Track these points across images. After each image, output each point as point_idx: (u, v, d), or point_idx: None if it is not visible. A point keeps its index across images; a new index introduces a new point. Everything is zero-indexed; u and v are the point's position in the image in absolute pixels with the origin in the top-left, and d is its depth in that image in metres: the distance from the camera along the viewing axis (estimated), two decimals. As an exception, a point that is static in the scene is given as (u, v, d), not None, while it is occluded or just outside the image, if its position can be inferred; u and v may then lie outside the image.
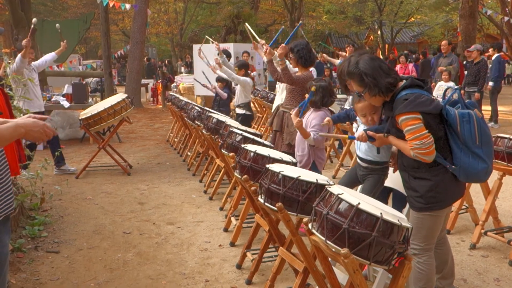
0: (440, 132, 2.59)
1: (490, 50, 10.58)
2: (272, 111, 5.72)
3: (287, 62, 4.76)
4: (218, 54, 6.82)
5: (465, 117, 2.55)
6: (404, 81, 2.63)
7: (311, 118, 4.04)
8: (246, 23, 6.26)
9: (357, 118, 3.19)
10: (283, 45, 4.75)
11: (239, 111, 6.84)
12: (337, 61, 7.94)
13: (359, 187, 3.27)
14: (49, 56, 6.79)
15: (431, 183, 2.62)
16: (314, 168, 4.09)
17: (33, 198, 5.00)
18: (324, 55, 7.83)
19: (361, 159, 3.15)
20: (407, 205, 2.95)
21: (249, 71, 7.47)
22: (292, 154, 4.22)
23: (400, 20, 27.94)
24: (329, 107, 4.16)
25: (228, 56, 8.38)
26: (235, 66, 7.20)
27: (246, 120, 6.77)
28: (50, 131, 2.06)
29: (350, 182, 3.26)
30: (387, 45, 28.26)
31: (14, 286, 3.39)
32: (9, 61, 5.88)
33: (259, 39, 5.58)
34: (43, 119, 2.09)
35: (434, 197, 2.62)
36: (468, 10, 14.38)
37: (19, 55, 6.04)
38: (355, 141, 3.07)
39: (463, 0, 14.45)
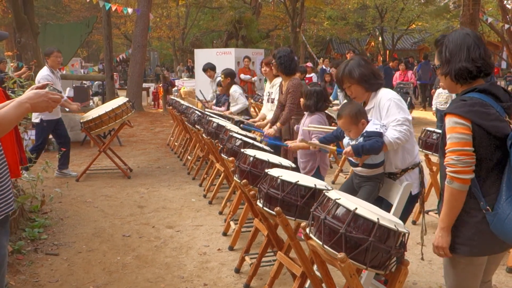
0: (489, 157, 2.05)
1: None
2: (260, 116, 5.76)
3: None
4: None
5: None
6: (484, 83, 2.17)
7: (307, 123, 4.08)
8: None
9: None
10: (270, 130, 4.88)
11: (237, 118, 6.89)
12: None
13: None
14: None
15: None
16: (318, 174, 4.10)
17: (34, 200, 5.02)
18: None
19: (353, 164, 3.10)
20: (391, 211, 2.89)
21: (240, 77, 7.48)
22: None
23: (401, 27, 28.02)
24: (326, 111, 4.21)
25: (213, 69, 8.47)
26: (221, 73, 7.18)
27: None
28: (55, 96, 1.97)
29: (348, 192, 3.25)
30: (388, 51, 28.33)
31: None
32: (12, 64, 5.93)
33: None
34: (44, 87, 2.04)
35: (457, 236, 2.13)
36: (469, 18, 14.40)
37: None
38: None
39: (464, 7, 14.49)
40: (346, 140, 3.08)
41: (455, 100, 2.12)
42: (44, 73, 6.26)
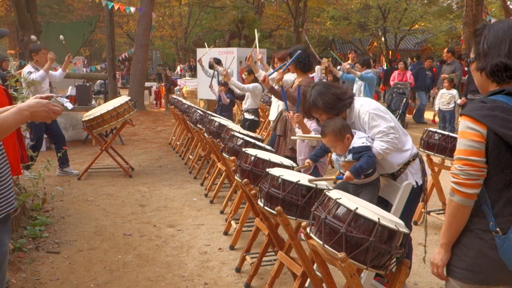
0: (505, 171, 1.75)
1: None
2: (270, 115, 5.75)
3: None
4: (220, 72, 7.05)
5: None
6: None
7: (310, 122, 4.06)
8: (256, 31, 6.23)
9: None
10: (281, 71, 4.74)
11: (248, 116, 6.85)
12: (340, 73, 8.02)
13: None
14: (58, 73, 6.84)
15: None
16: (316, 171, 4.10)
17: (35, 198, 5.03)
18: (330, 64, 8.02)
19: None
20: (391, 211, 2.87)
21: (242, 77, 7.51)
22: (295, 159, 4.24)
23: (404, 27, 28.00)
24: None
25: (218, 63, 8.46)
26: (245, 71, 7.21)
27: (253, 125, 6.79)
28: (56, 108, 1.99)
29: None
30: (390, 52, 28.31)
31: (14, 285, 3.41)
32: (14, 62, 5.92)
33: (258, 52, 5.60)
34: (48, 98, 2.06)
35: (459, 258, 1.85)
36: (471, 18, 14.38)
37: (42, 71, 6.14)
38: (337, 164, 3.06)
39: (467, 8, 14.47)
40: (334, 156, 3.06)
41: (475, 101, 1.83)
42: (25, 71, 6.21)
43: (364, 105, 2.99)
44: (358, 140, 2.88)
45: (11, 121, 1.89)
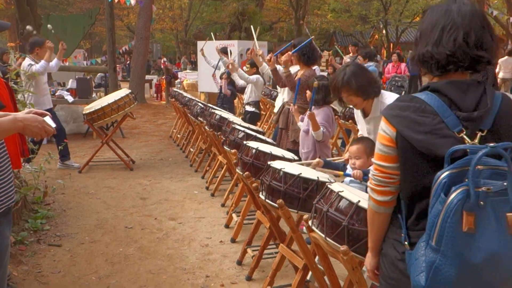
0: (415, 181, 1.52)
1: None
2: (275, 109, 5.75)
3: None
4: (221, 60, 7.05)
5: (442, 193, 1.35)
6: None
7: (316, 115, 4.05)
8: (253, 28, 6.16)
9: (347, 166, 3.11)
10: (289, 53, 4.71)
11: (249, 108, 6.83)
12: (339, 66, 7.99)
13: None
14: (53, 63, 6.69)
15: None
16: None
17: (36, 191, 5.03)
18: (332, 57, 8.03)
19: None
20: None
21: (243, 70, 7.48)
22: (296, 152, 4.24)
23: (406, 20, 27.89)
24: (331, 105, 4.18)
25: (226, 53, 8.39)
26: (247, 64, 7.20)
27: (254, 118, 6.77)
28: (49, 128, 2.02)
29: None
30: (392, 44, 28.22)
31: (16, 278, 3.42)
32: (15, 55, 5.90)
33: (257, 48, 5.58)
34: (43, 115, 2.08)
35: (379, 262, 1.72)
36: (473, 11, 14.32)
37: (43, 61, 6.09)
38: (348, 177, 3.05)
39: (468, 0, 14.40)
40: (347, 179, 3.04)
41: (395, 100, 1.64)
42: (25, 63, 6.15)
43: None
44: None
45: (4, 128, 1.93)
